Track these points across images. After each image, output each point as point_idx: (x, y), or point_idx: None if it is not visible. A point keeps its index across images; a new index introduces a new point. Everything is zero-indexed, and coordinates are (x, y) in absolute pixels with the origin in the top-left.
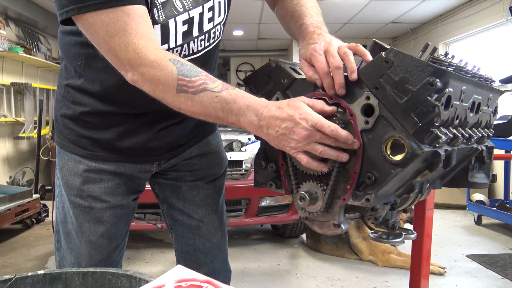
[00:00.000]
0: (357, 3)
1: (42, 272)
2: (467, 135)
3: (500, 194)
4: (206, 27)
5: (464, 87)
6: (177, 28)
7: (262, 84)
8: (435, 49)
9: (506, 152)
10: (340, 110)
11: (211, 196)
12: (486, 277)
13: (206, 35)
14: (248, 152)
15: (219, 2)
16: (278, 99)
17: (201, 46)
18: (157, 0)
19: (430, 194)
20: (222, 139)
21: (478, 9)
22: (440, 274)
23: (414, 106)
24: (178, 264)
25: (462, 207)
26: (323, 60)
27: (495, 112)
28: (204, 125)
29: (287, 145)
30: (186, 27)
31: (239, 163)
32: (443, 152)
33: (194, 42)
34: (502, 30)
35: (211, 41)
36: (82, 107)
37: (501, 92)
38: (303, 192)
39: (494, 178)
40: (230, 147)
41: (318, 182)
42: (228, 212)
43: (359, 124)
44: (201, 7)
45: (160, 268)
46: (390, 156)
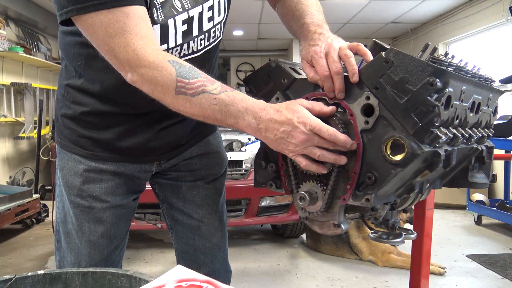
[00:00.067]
0: (357, 3)
1: (42, 272)
2: (467, 135)
3: (500, 194)
4: (206, 26)
5: (464, 87)
6: (176, 27)
7: (262, 84)
8: (435, 49)
9: (506, 152)
10: (340, 110)
11: (211, 196)
12: (486, 277)
13: (206, 34)
14: (248, 152)
15: (219, 2)
16: (278, 99)
17: (201, 45)
18: (156, 0)
19: (430, 194)
20: (222, 139)
21: (478, 9)
22: (440, 274)
23: (414, 106)
24: (178, 264)
25: (462, 207)
26: (323, 63)
27: (495, 112)
28: (204, 125)
29: (285, 148)
30: (185, 27)
31: (239, 163)
32: (443, 152)
33: (194, 42)
34: (502, 30)
35: (211, 40)
36: (82, 107)
37: (501, 92)
38: (303, 192)
39: (494, 178)
40: (230, 147)
41: (318, 182)
42: (228, 212)
43: (359, 124)
44: (200, 6)
45: (160, 268)
46: (390, 156)
